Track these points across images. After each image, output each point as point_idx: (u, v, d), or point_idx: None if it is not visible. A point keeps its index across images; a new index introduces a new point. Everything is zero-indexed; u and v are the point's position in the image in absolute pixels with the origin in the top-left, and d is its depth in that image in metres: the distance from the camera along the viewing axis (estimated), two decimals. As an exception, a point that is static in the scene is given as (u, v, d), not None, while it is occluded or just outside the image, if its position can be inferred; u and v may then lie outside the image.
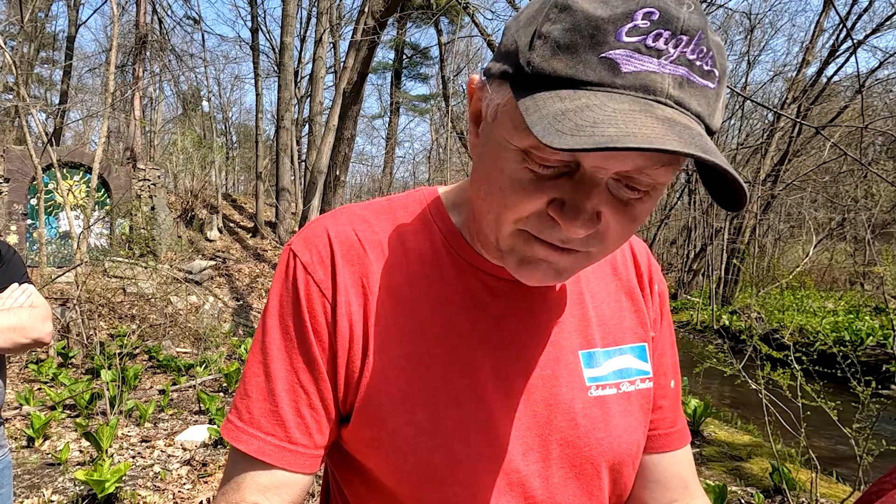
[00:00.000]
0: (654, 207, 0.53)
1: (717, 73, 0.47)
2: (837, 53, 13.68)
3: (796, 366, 3.85)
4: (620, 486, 0.68)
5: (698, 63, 0.46)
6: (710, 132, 0.49)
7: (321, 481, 0.75)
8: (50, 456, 4.02)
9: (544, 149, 0.46)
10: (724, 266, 15.85)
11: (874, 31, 12.39)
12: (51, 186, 10.46)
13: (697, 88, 0.46)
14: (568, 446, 0.62)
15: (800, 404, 3.75)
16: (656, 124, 0.42)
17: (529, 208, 0.51)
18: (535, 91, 0.47)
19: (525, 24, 0.50)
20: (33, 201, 10.26)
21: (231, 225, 15.74)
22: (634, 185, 0.49)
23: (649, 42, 0.44)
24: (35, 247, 10.02)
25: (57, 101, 19.08)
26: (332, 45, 15.78)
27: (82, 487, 3.48)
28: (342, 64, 9.34)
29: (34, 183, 9.66)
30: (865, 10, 12.66)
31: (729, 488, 3.79)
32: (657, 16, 0.44)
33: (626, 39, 0.44)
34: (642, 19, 0.44)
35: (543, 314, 0.65)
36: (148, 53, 16.06)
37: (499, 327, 0.63)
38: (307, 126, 16.22)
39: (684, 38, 0.45)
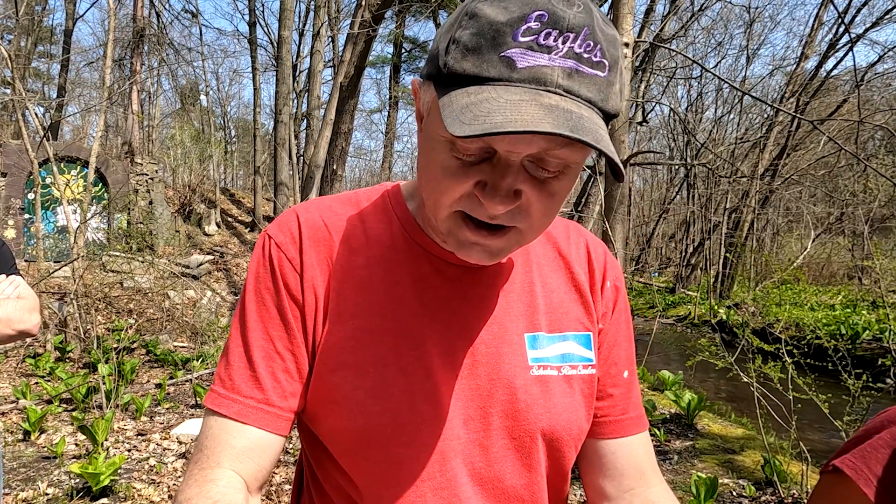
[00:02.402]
0: (572, 186, 0.60)
1: (607, 63, 0.54)
2: (836, 48, 13.64)
3: (788, 359, 3.87)
4: (561, 463, 0.71)
5: (586, 55, 0.52)
6: (609, 115, 0.56)
7: (295, 467, 0.78)
8: (46, 449, 4.04)
9: (460, 139, 0.52)
10: (721, 261, 15.86)
11: (873, 26, 12.33)
12: (48, 181, 10.45)
13: (587, 77, 0.53)
14: (508, 418, 0.67)
15: (791, 397, 3.77)
16: (537, 111, 0.49)
17: (459, 191, 0.57)
18: (451, 88, 0.54)
19: (445, 32, 0.58)
20: (30, 196, 10.26)
21: (229, 219, 15.74)
22: (546, 165, 0.55)
23: (541, 40, 0.51)
24: (32, 241, 10.03)
25: (54, 96, 19.06)
26: (330, 39, 15.74)
27: (77, 480, 3.50)
28: (340, 58, 9.32)
29: (31, 177, 9.66)
30: (864, 4, 12.62)
31: (721, 480, 3.81)
32: (546, 17, 0.51)
33: (521, 39, 0.51)
34: (535, 21, 0.51)
35: (491, 297, 0.70)
36: (146, 47, 16.02)
37: (447, 306, 0.68)
38: (305, 120, 16.20)
39: (571, 34, 0.51)
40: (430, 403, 0.65)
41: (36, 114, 8.78)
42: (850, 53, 13.47)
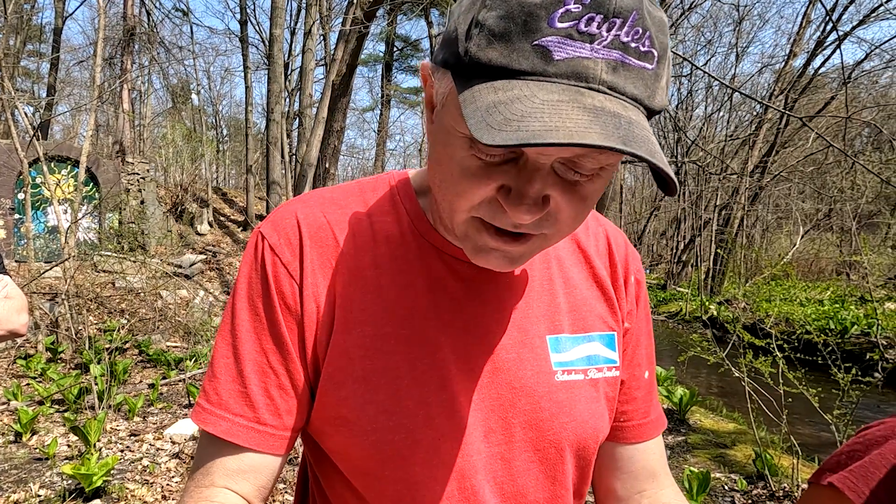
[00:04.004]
0: (604, 187, 0.53)
1: (655, 53, 0.46)
2: (824, 45, 13.75)
3: (778, 354, 3.90)
4: (586, 472, 0.68)
5: (633, 45, 0.45)
6: (652, 112, 0.49)
7: (297, 473, 0.75)
8: (37, 451, 4.01)
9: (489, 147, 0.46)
10: (712, 257, 15.96)
11: (860, 23, 12.47)
12: (38, 180, 10.36)
13: (633, 71, 0.45)
14: (531, 429, 0.62)
15: (781, 391, 3.81)
16: (581, 116, 0.42)
17: (480, 196, 0.51)
18: (474, 80, 0.47)
19: (465, 11, 0.49)
20: (20, 196, 10.17)
21: (221, 219, 15.67)
22: (580, 168, 0.49)
23: (581, 27, 0.44)
24: (23, 242, 9.95)
25: (44, 95, 18.87)
26: (322, 37, 15.68)
27: (70, 482, 3.48)
28: (332, 56, 9.30)
29: (21, 177, 9.58)
30: (851, 2, 12.71)
31: (713, 475, 3.85)
32: None
33: (559, 25, 0.44)
34: (574, 3, 0.43)
35: (509, 298, 0.65)
36: (136, 46, 15.91)
37: (462, 310, 0.62)
38: (297, 119, 16.14)
39: (617, 20, 0.44)
40: (448, 416, 0.60)
41: (25, 113, 8.70)
42: (838, 51, 13.59)
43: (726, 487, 3.76)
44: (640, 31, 0.45)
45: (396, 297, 0.62)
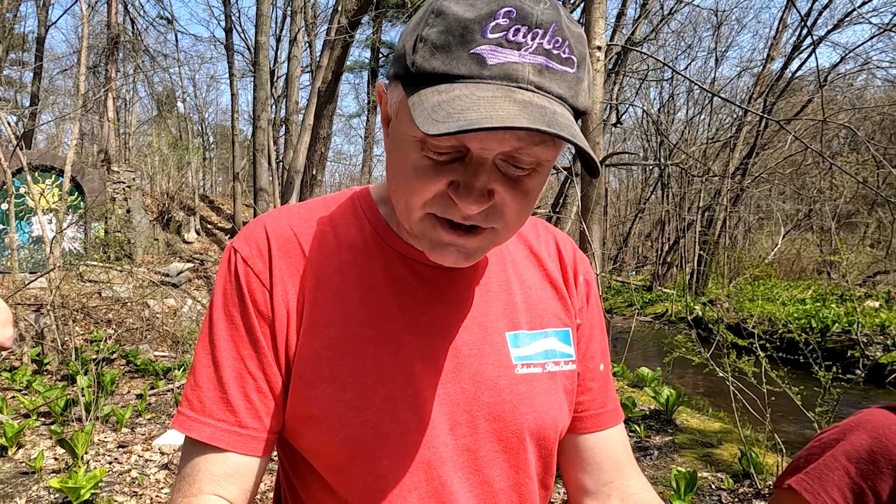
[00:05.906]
0: (544, 184, 0.59)
1: (575, 60, 0.54)
2: (800, 49, 14.03)
3: (761, 353, 3.97)
4: (548, 461, 0.72)
5: (555, 52, 0.52)
6: (578, 111, 0.56)
7: (273, 480, 0.77)
8: (24, 464, 3.96)
9: (435, 137, 0.51)
10: (696, 258, 16.14)
11: (834, 28, 12.76)
12: (22, 190, 10.25)
13: (556, 74, 0.53)
14: (494, 420, 0.66)
15: (765, 390, 3.87)
16: (512, 107, 0.49)
17: (431, 191, 0.56)
18: (421, 87, 0.53)
19: (411, 31, 0.57)
20: (4, 206, 10.05)
21: (209, 226, 15.58)
22: (519, 163, 0.55)
23: (510, 36, 0.51)
24: (7, 252, 9.83)
25: (27, 104, 18.65)
26: (307, 44, 15.68)
27: (57, 495, 3.45)
28: (318, 63, 9.33)
29: (4, 187, 9.48)
30: (826, 6, 12.98)
31: (700, 474, 3.89)
32: (515, 14, 0.51)
33: (491, 36, 0.51)
34: (503, 17, 0.51)
35: (469, 298, 0.69)
36: (120, 54, 15.81)
37: (426, 310, 0.67)
38: (284, 126, 16.11)
39: (539, 30, 0.51)
40: (413, 411, 0.63)
41: (8, 122, 8.63)
42: (814, 55, 13.87)
43: (713, 486, 3.81)
44: (560, 40, 0.52)
45: (361, 299, 0.66)
